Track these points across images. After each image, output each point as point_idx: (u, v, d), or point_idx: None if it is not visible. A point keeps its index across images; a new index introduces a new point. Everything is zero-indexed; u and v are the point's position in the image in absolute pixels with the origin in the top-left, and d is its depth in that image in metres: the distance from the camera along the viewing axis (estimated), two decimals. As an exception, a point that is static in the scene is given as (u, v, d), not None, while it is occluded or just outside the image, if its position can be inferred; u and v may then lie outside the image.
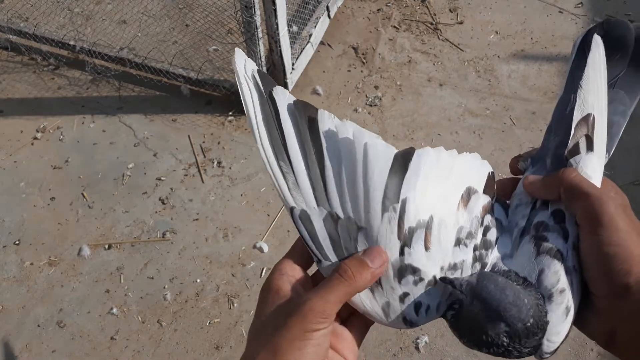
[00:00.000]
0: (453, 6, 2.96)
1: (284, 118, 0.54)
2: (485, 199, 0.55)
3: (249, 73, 0.55)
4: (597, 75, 0.55)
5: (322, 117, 0.54)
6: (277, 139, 0.53)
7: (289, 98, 0.55)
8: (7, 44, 2.71)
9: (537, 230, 0.53)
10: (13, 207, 2.22)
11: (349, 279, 0.48)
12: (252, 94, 0.54)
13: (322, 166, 0.52)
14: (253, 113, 0.54)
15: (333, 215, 0.51)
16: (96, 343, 1.90)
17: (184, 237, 2.13)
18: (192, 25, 2.82)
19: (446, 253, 0.51)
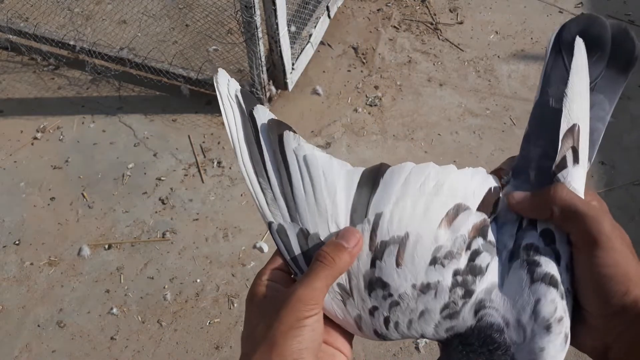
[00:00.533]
0: (453, 6, 2.96)
1: (262, 137, 0.55)
2: (478, 217, 0.51)
3: (232, 93, 0.57)
4: (581, 82, 0.53)
5: (287, 138, 0.55)
6: (257, 156, 0.54)
7: (268, 116, 0.56)
8: (7, 44, 2.71)
9: (527, 254, 0.50)
10: (13, 207, 2.22)
11: (330, 262, 0.49)
12: (234, 113, 0.56)
13: (291, 184, 0.53)
14: (235, 131, 0.55)
15: (304, 231, 0.52)
16: (96, 343, 1.90)
17: (184, 237, 2.13)
18: (192, 25, 2.82)
19: (419, 271, 0.49)
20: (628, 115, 2.49)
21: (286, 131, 0.56)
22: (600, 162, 2.33)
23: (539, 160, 0.53)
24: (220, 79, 0.57)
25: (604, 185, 2.25)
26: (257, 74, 2.34)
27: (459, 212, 0.51)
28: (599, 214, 0.49)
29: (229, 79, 0.58)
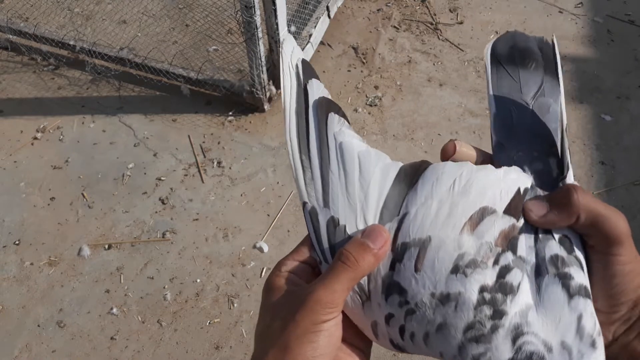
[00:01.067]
0: (453, 6, 2.96)
1: (311, 113, 0.54)
2: (506, 222, 0.47)
3: (293, 61, 0.55)
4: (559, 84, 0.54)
5: (331, 120, 0.53)
6: (304, 133, 0.53)
7: (320, 92, 0.55)
8: (7, 44, 2.71)
9: (556, 267, 0.46)
10: (13, 207, 2.22)
11: (352, 264, 0.46)
12: (291, 84, 0.54)
13: (327, 169, 0.52)
14: (288, 103, 0.54)
15: (334, 220, 0.50)
16: (96, 343, 1.90)
17: (184, 237, 2.13)
18: (192, 25, 2.82)
19: (439, 279, 0.45)
20: (628, 115, 2.49)
21: (331, 113, 0.54)
22: (600, 162, 2.33)
23: (531, 165, 0.52)
24: (285, 46, 0.56)
25: (604, 185, 2.25)
26: (257, 74, 2.34)
27: (485, 216, 0.47)
28: (617, 212, 0.48)
29: (295, 46, 0.56)
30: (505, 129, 0.53)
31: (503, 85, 0.54)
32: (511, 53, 0.55)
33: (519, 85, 0.54)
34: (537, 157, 0.51)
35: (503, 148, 0.53)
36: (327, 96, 0.55)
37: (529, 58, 0.55)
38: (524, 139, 0.52)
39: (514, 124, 0.53)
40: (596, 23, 2.88)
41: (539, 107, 0.53)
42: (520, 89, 0.54)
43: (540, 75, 0.54)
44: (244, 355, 1.87)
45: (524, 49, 0.55)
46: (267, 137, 2.42)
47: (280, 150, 2.37)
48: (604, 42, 2.79)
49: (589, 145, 2.38)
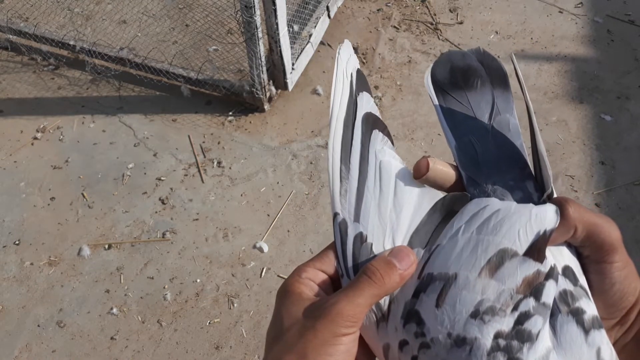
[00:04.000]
0: (453, 6, 2.96)
1: (357, 125, 0.52)
2: (530, 267, 0.44)
3: (348, 70, 0.54)
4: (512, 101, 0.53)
5: (375, 137, 0.52)
6: (348, 144, 0.52)
7: (369, 107, 0.53)
8: (7, 44, 2.71)
9: (567, 304, 0.44)
10: (13, 207, 2.22)
11: (378, 281, 0.46)
12: (342, 91, 0.53)
13: (364, 185, 0.50)
14: (337, 109, 0.53)
15: (362, 236, 0.48)
16: (96, 343, 1.90)
17: (184, 237, 2.13)
18: (192, 25, 2.82)
19: (457, 320, 0.43)
20: (628, 115, 2.49)
21: (376, 130, 0.52)
22: (600, 162, 2.33)
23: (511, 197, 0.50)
24: (342, 52, 0.54)
25: (604, 185, 2.25)
26: (257, 74, 2.34)
27: (505, 260, 0.44)
28: (609, 220, 0.48)
29: (352, 54, 0.55)
30: (472, 163, 0.51)
31: (455, 114, 0.53)
32: (452, 76, 0.53)
33: (471, 110, 0.52)
34: (514, 185, 0.50)
35: (475, 183, 0.50)
36: (376, 112, 0.54)
37: (472, 76, 0.53)
38: (494, 169, 0.50)
39: (479, 153, 0.51)
40: (596, 23, 2.88)
41: (499, 127, 0.52)
42: (473, 113, 0.52)
43: (489, 92, 0.53)
44: (244, 355, 1.87)
45: (463, 68, 0.53)
46: (267, 137, 2.42)
47: (280, 150, 2.37)
48: (604, 42, 2.79)
49: (588, 145, 2.38)
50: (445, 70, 0.54)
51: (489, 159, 0.51)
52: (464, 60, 0.54)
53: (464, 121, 0.52)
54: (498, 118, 0.52)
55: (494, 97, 0.52)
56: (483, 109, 0.52)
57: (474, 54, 0.54)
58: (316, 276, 0.49)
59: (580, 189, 2.25)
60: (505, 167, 0.50)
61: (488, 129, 0.52)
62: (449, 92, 0.53)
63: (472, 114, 0.52)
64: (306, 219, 2.17)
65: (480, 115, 0.52)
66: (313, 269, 0.50)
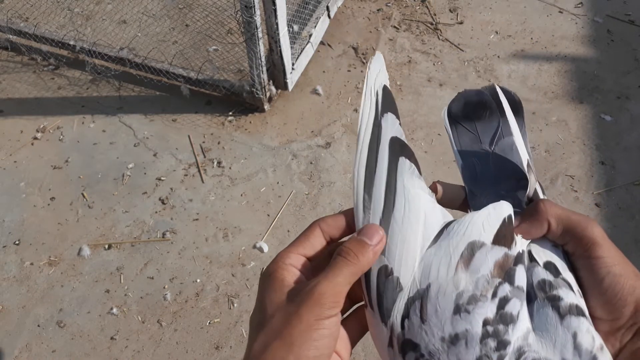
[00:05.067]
0: (453, 6, 2.96)
1: (381, 150, 0.52)
2: (498, 252, 0.48)
3: (376, 86, 0.54)
4: (515, 127, 0.57)
5: (402, 166, 0.52)
6: (372, 170, 0.52)
7: (394, 130, 0.53)
8: (7, 44, 2.71)
9: (544, 291, 0.48)
10: (13, 207, 2.22)
11: (353, 259, 0.48)
12: (369, 111, 0.53)
13: (389, 216, 0.50)
14: (363, 131, 0.52)
15: (387, 269, 0.49)
16: (96, 343, 1.90)
17: (184, 237, 2.13)
18: (192, 25, 2.82)
19: (445, 323, 0.46)
20: (628, 115, 2.49)
21: (403, 157, 0.52)
22: (600, 162, 2.33)
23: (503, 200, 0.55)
24: (373, 66, 0.54)
25: (604, 185, 2.25)
26: (257, 74, 2.34)
27: (475, 251, 0.48)
28: (587, 217, 0.51)
29: (382, 69, 0.55)
30: (473, 179, 0.56)
31: (463, 140, 0.58)
32: (465, 110, 0.59)
33: (477, 136, 0.58)
34: (505, 194, 0.54)
35: (474, 195, 0.56)
36: (401, 136, 0.54)
37: (482, 109, 0.58)
38: (489, 183, 0.56)
39: (479, 171, 0.56)
40: (596, 23, 2.88)
41: (502, 149, 0.57)
42: (479, 139, 0.58)
43: (496, 120, 0.58)
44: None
45: (475, 102, 0.59)
46: (267, 137, 2.42)
47: (280, 150, 2.38)
48: (604, 42, 2.79)
49: (588, 145, 2.38)
50: (459, 106, 0.59)
51: (487, 174, 0.56)
52: (476, 96, 0.59)
53: (470, 145, 0.58)
54: (502, 141, 0.57)
55: (500, 124, 0.57)
56: (487, 134, 0.58)
57: (487, 90, 0.59)
58: (298, 261, 0.51)
59: (580, 189, 2.25)
60: (500, 180, 0.55)
61: (489, 150, 0.57)
62: (461, 122, 0.59)
63: (477, 139, 0.58)
64: (306, 219, 2.17)
65: (484, 140, 0.58)
66: (295, 255, 0.51)
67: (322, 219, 0.53)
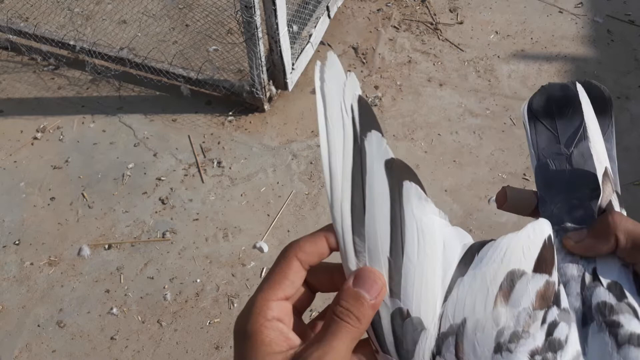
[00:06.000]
0: (453, 6, 2.96)
1: (371, 179, 0.43)
2: (539, 281, 0.43)
3: (347, 101, 0.43)
4: (596, 129, 0.52)
5: (408, 191, 0.43)
6: (360, 206, 0.43)
7: (385, 152, 0.44)
8: (7, 44, 2.71)
9: (603, 315, 0.43)
10: (13, 207, 2.22)
11: (354, 323, 0.41)
12: (344, 135, 0.42)
13: (399, 254, 0.43)
14: (335, 164, 0.42)
15: (402, 311, 0.43)
16: (96, 343, 1.90)
17: (184, 237, 2.13)
18: (192, 25, 2.82)
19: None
20: (628, 115, 2.49)
21: (407, 181, 0.44)
22: (600, 162, 2.33)
23: (571, 214, 0.50)
24: (329, 71, 0.43)
25: (604, 185, 2.25)
26: (257, 74, 2.34)
27: (515, 281, 0.43)
28: None
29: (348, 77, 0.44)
30: (545, 183, 0.52)
31: (541, 139, 0.54)
32: (547, 106, 0.54)
33: (556, 136, 0.53)
34: (577, 204, 0.49)
35: (545, 202, 0.51)
36: (392, 155, 0.44)
37: (566, 105, 0.53)
38: (562, 190, 0.51)
39: (553, 176, 0.52)
40: (596, 23, 2.88)
41: (581, 152, 0.52)
42: (557, 139, 0.53)
43: (578, 119, 0.53)
44: (244, 355, 1.87)
45: (559, 98, 0.54)
46: (267, 137, 2.42)
47: (280, 150, 2.37)
48: (604, 42, 2.79)
49: (589, 145, 2.38)
50: (541, 100, 0.55)
51: (560, 180, 0.51)
52: (561, 91, 0.54)
53: (547, 146, 0.53)
54: (582, 142, 0.52)
55: (583, 123, 0.52)
56: (567, 134, 0.53)
57: (573, 85, 0.54)
58: (281, 311, 0.43)
59: (580, 189, 2.25)
60: (574, 188, 0.51)
61: (567, 152, 0.52)
62: (540, 119, 0.54)
63: (555, 139, 0.53)
64: (306, 219, 2.17)
65: (563, 141, 0.53)
66: (276, 302, 0.43)
67: (298, 246, 0.44)
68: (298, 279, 0.44)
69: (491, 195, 2.20)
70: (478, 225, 2.13)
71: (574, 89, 0.53)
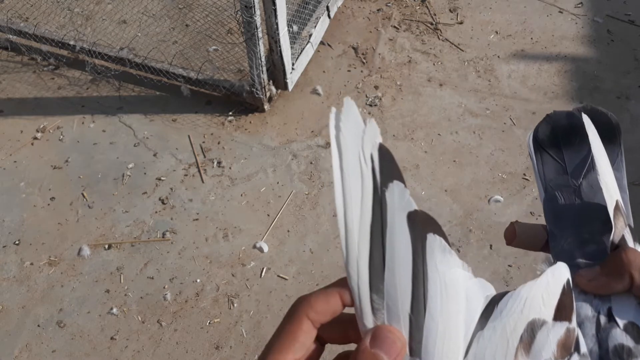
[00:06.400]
0: (453, 6, 2.96)
1: (391, 233, 0.39)
2: (559, 329, 0.41)
3: (366, 150, 0.40)
4: (604, 161, 0.50)
5: (432, 245, 0.40)
6: (379, 261, 0.39)
7: (406, 204, 0.40)
8: (7, 44, 2.71)
9: (621, 358, 0.42)
10: (13, 207, 2.22)
11: None
12: (363, 188, 0.39)
13: (420, 312, 0.39)
14: (352, 218, 0.39)
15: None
16: (96, 343, 1.90)
17: (184, 237, 2.13)
18: (192, 25, 2.82)
19: None
20: (628, 115, 2.49)
21: (431, 234, 0.40)
22: (600, 162, 2.33)
23: (582, 249, 0.48)
24: (345, 123, 0.39)
25: (604, 185, 2.25)
26: (257, 74, 2.34)
27: (536, 332, 0.40)
28: None
29: (367, 124, 0.40)
30: (555, 216, 0.50)
31: (548, 170, 0.52)
32: (553, 135, 0.53)
33: (563, 167, 0.51)
34: (589, 238, 0.47)
35: (555, 237, 0.49)
36: (415, 207, 0.41)
37: (573, 134, 0.51)
38: (572, 224, 0.49)
39: (562, 209, 0.50)
40: (596, 23, 2.88)
41: (590, 184, 0.50)
42: (565, 170, 0.51)
43: (586, 148, 0.51)
44: (243, 355, 1.87)
45: (565, 127, 0.52)
46: (267, 137, 2.42)
47: (280, 150, 2.37)
48: (604, 42, 2.79)
49: (589, 145, 2.38)
50: (547, 129, 0.53)
51: (570, 213, 0.49)
52: (566, 119, 0.53)
53: (555, 177, 0.51)
54: (591, 173, 0.50)
55: (591, 153, 0.50)
56: (576, 165, 0.51)
57: (579, 112, 0.52)
58: None
59: (580, 189, 2.25)
60: (585, 222, 0.49)
61: (576, 185, 0.50)
62: (547, 149, 0.53)
63: (563, 170, 0.51)
64: (306, 219, 2.17)
65: (571, 171, 0.51)
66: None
67: (309, 304, 0.40)
68: (309, 339, 0.41)
69: (491, 195, 2.20)
70: (478, 225, 2.13)
71: (580, 116, 0.51)
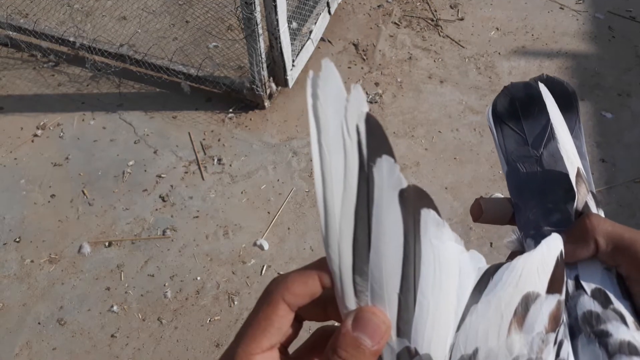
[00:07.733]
0: (454, 2, 2.96)
1: (378, 212, 0.37)
2: (551, 302, 0.40)
3: (351, 121, 0.36)
4: (563, 129, 0.49)
5: (426, 219, 0.38)
6: (364, 241, 0.37)
7: (396, 181, 0.37)
8: (7, 41, 2.70)
9: (590, 325, 0.42)
10: (13, 205, 2.22)
11: None
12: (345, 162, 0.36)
13: (410, 290, 0.37)
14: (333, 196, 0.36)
15: (411, 351, 0.38)
16: (96, 341, 1.90)
17: (184, 235, 2.13)
18: (192, 21, 2.81)
19: None
20: (629, 112, 2.48)
21: (425, 208, 0.38)
22: (601, 159, 2.32)
23: (547, 219, 0.47)
24: (324, 90, 0.36)
25: (604, 183, 2.25)
26: (257, 71, 2.34)
27: (529, 305, 0.39)
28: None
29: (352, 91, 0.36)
30: (518, 188, 0.50)
31: (509, 143, 0.51)
32: (511, 107, 0.52)
33: (523, 138, 0.51)
34: (552, 207, 0.47)
35: (520, 209, 0.49)
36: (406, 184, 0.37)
37: (531, 104, 0.51)
38: (535, 194, 0.48)
39: (525, 180, 0.49)
40: (597, 19, 2.87)
41: (551, 153, 0.49)
42: (525, 141, 0.51)
43: (545, 118, 0.50)
44: (244, 352, 1.87)
45: (523, 98, 0.52)
46: (267, 134, 2.41)
47: (281, 148, 2.37)
48: (605, 39, 2.78)
49: (589, 142, 2.38)
50: (505, 102, 0.53)
51: (532, 183, 0.49)
52: (524, 90, 0.52)
53: (516, 148, 0.51)
54: (552, 142, 0.50)
55: (550, 122, 0.50)
56: (536, 135, 0.51)
57: (536, 82, 0.52)
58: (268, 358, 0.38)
59: (581, 186, 2.25)
60: (547, 191, 0.48)
61: (537, 154, 0.50)
62: (507, 121, 0.52)
63: (524, 141, 0.51)
64: (306, 217, 2.17)
65: (532, 142, 0.51)
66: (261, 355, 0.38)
67: (285, 286, 0.38)
68: (285, 323, 0.38)
69: (492, 193, 2.19)
70: (478, 223, 2.13)
71: (537, 86, 0.51)
